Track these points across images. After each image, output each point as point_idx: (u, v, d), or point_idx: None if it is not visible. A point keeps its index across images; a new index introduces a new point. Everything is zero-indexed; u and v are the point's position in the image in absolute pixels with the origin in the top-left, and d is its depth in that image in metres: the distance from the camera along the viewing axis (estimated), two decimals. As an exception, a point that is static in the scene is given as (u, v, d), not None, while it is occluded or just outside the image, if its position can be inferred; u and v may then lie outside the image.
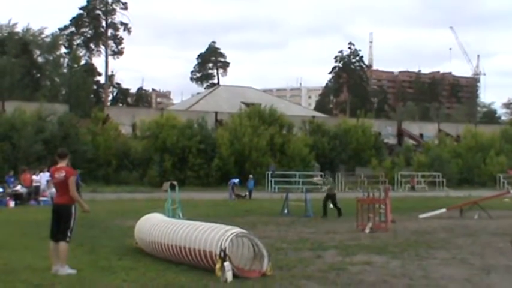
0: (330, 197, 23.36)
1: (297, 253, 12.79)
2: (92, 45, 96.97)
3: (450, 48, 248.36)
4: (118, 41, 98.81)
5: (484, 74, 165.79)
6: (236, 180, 38.01)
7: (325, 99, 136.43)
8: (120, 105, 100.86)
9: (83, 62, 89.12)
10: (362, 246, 13.94)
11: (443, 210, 23.36)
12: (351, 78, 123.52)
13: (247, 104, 65.09)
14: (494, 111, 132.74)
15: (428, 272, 10.59)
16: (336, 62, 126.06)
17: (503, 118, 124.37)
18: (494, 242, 15.07)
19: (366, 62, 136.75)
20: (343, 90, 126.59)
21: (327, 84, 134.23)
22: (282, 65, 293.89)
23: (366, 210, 18.17)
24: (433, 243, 14.64)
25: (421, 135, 71.61)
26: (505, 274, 10.53)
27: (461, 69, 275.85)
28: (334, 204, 23.09)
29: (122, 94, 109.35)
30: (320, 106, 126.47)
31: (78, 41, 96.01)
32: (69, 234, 10.06)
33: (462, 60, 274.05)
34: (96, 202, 28.19)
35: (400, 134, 71.98)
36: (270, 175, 47.11)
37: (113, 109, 70.02)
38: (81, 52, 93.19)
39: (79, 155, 42.53)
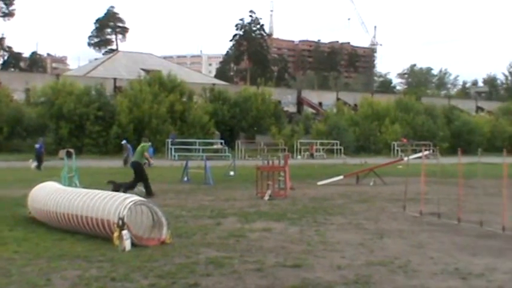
0: None
1: (197, 221, 12.76)
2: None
3: (349, 19, 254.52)
4: (8, 1, 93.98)
5: (381, 45, 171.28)
6: (124, 142, 37.56)
7: (226, 67, 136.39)
8: (12, 70, 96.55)
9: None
10: (261, 213, 14.08)
11: (341, 177, 23.98)
12: (252, 46, 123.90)
13: (147, 71, 63.91)
14: (389, 81, 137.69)
15: (325, 237, 10.83)
16: (237, 29, 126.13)
17: (398, 88, 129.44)
18: (387, 208, 15.65)
19: (267, 30, 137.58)
20: (244, 58, 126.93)
21: (227, 52, 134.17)
22: (182, 31, 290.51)
23: (265, 178, 18.33)
24: (330, 210, 15.00)
25: (320, 104, 73.02)
26: (397, 238, 10.93)
27: (359, 40, 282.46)
28: None
29: (14, 58, 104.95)
30: (221, 74, 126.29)
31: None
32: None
33: (360, 30, 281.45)
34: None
35: (300, 103, 73.10)
36: (170, 143, 46.70)
37: (4, 74, 67.45)
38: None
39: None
